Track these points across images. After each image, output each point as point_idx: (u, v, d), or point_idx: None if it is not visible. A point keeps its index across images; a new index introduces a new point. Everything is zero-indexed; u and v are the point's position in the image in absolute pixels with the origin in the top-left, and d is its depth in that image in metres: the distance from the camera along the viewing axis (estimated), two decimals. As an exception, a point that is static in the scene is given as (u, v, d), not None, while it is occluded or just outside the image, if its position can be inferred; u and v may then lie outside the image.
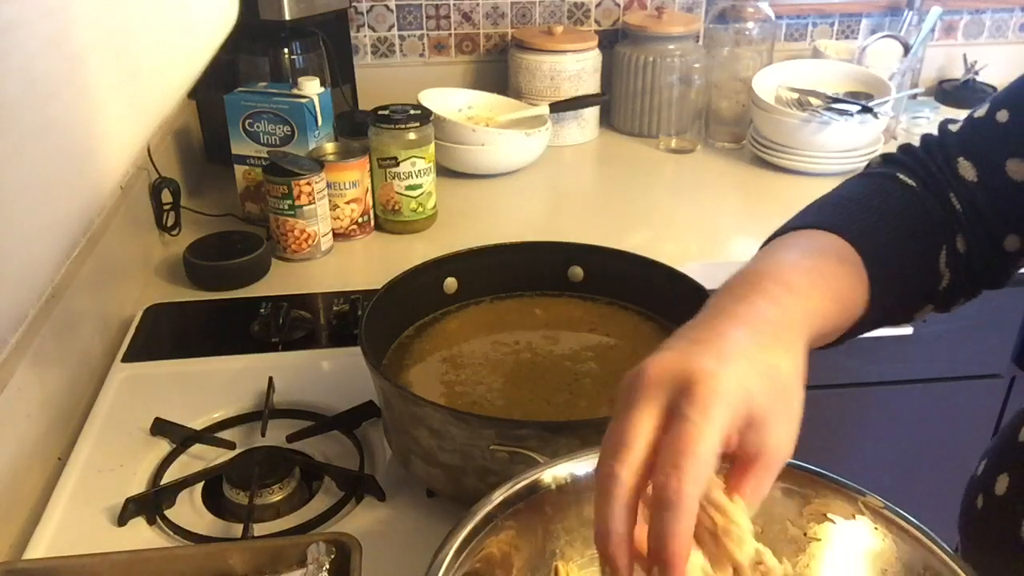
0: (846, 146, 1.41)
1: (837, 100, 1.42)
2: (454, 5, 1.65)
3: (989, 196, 0.63)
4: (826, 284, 0.55)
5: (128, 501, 0.74)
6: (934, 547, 0.52)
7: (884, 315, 0.62)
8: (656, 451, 0.43)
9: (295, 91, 1.23)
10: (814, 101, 1.44)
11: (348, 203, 1.21)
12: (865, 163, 1.43)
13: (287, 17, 1.31)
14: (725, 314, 0.49)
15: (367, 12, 1.63)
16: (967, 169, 0.64)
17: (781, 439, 0.45)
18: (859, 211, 0.62)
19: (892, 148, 1.44)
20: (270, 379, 0.90)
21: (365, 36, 1.65)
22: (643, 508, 0.43)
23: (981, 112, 0.65)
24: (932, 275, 0.64)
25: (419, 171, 1.22)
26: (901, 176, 0.66)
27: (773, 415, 0.45)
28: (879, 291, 0.59)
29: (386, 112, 1.20)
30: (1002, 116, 0.64)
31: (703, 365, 0.44)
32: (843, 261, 0.58)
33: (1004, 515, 0.62)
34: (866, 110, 1.39)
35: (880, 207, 0.63)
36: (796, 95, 1.48)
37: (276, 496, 0.76)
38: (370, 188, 1.23)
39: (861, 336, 0.62)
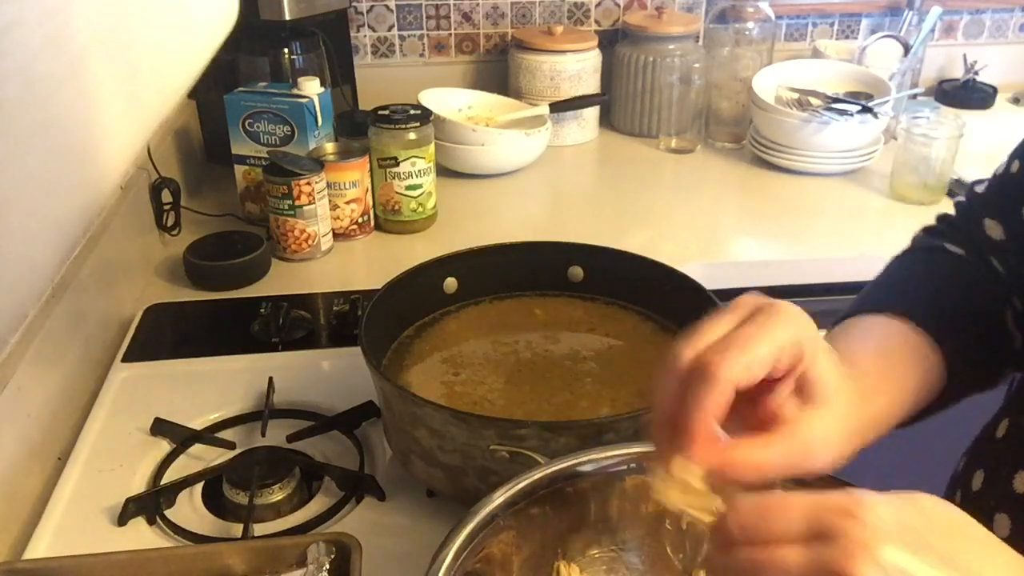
0: (846, 146, 1.41)
1: (837, 100, 1.42)
2: (454, 5, 1.65)
3: (1020, 250, 0.63)
4: (891, 373, 0.56)
5: (128, 501, 0.74)
6: None
7: (967, 385, 0.63)
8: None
9: (295, 91, 1.23)
10: (814, 101, 1.44)
11: (348, 203, 1.21)
12: (865, 163, 1.42)
13: (287, 17, 1.31)
14: None
15: (367, 12, 1.63)
16: (993, 228, 0.64)
17: (817, 425, 0.45)
18: (919, 291, 0.63)
19: (892, 148, 1.44)
20: (270, 379, 0.89)
21: (365, 36, 1.65)
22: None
23: (1001, 168, 0.65)
24: (1004, 338, 0.64)
25: (419, 171, 1.22)
26: (948, 247, 0.66)
27: (823, 395, 0.46)
28: (955, 364, 0.59)
29: (386, 112, 1.20)
30: (1015, 167, 0.63)
31: (784, 304, 0.45)
32: (910, 346, 0.59)
33: (978, 510, 0.63)
34: (866, 110, 1.39)
35: (938, 283, 0.64)
36: (796, 95, 1.48)
37: (276, 496, 0.76)
38: (370, 188, 1.23)
39: None
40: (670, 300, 0.85)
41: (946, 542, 0.37)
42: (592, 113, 1.58)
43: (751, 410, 0.46)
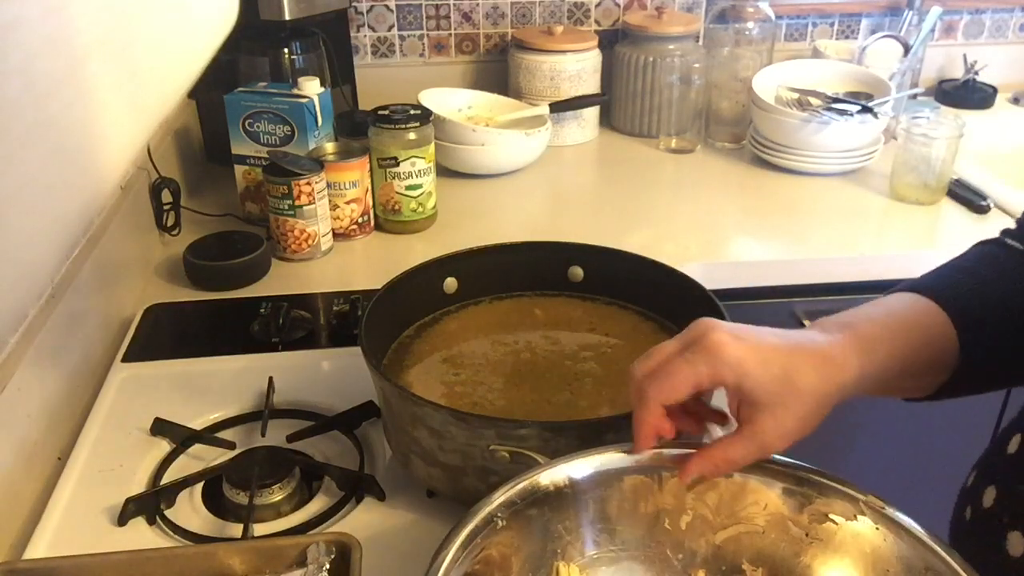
0: (846, 146, 1.41)
1: (837, 100, 1.42)
2: (454, 5, 1.65)
3: None
4: (897, 340, 0.60)
5: (128, 501, 0.74)
6: (936, 547, 0.52)
7: (990, 377, 0.65)
8: None
9: (295, 91, 1.23)
10: (814, 101, 1.44)
11: (348, 203, 1.21)
12: (865, 163, 1.42)
13: (287, 17, 1.31)
14: (785, 331, 0.57)
15: (367, 12, 1.63)
16: None
17: (769, 425, 0.54)
18: (961, 276, 0.66)
19: (892, 148, 1.44)
20: (270, 379, 0.90)
21: (365, 36, 1.65)
22: None
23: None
24: None
25: (419, 171, 1.22)
26: (1009, 241, 0.69)
27: (768, 401, 0.54)
28: (972, 352, 0.62)
29: (386, 112, 1.20)
30: None
31: (718, 335, 0.54)
32: (928, 323, 0.62)
33: (990, 528, 0.63)
34: (866, 110, 1.39)
35: (986, 273, 0.66)
36: (796, 95, 1.48)
37: (276, 496, 0.76)
38: (370, 188, 1.23)
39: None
40: (670, 300, 0.85)
41: None
42: (592, 113, 1.58)
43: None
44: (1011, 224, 0.71)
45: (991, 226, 0.96)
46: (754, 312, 1.23)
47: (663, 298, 0.86)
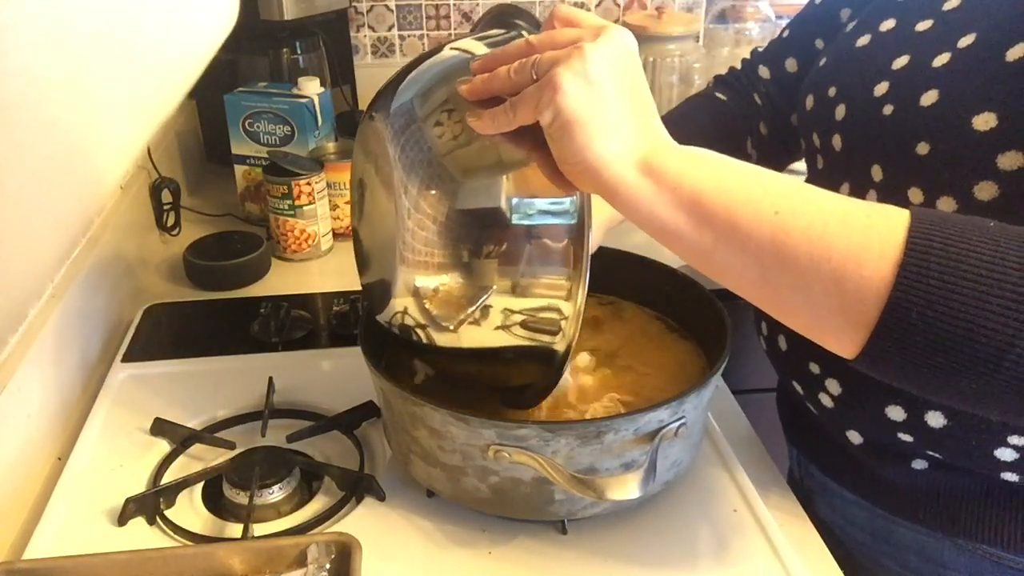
0: (846, 146, 1.41)
1: (837, 100, 1.42)
2: (454, 5, 1.65)
3: (777, 86, 0.92)
4: None
5: (128, 501, 0.74)
6: None
7: None
8: None
9: (295, 91, 1.23)
10: (814, 101, 1.44)
11: (348, 203, 1.21)
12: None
13: (287, 17, 1.31)
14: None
15: (367, 12, 1.63)
16: (764, 71, 0.93)
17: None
18: (682, 121, 0.89)
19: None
20: (270, 379, 0.89)
21: (365, 36, 1.65)
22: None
23: (776, 34, 0.94)
24: (743, 157, 0.85)
25: (419, 171, 1.21)
26: (717, 94, 0.94)
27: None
28: None
29: (386, 112, 1.20)
30: (784, 32, 0.92)
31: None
32: None
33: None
34: (866, 110, 1.39)
35: (698, 118, 0.92)
36: (796, 95, 1.48)
37: (276, 496, 0.76)
38: (370, 188, 1.23)
39: None
40: (670, 300, 0.85)
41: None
42: (592, 113, 1.58)
43: None
44: None
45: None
46: (754, 312, 1.23)
47: (663, 298, 0.86)
